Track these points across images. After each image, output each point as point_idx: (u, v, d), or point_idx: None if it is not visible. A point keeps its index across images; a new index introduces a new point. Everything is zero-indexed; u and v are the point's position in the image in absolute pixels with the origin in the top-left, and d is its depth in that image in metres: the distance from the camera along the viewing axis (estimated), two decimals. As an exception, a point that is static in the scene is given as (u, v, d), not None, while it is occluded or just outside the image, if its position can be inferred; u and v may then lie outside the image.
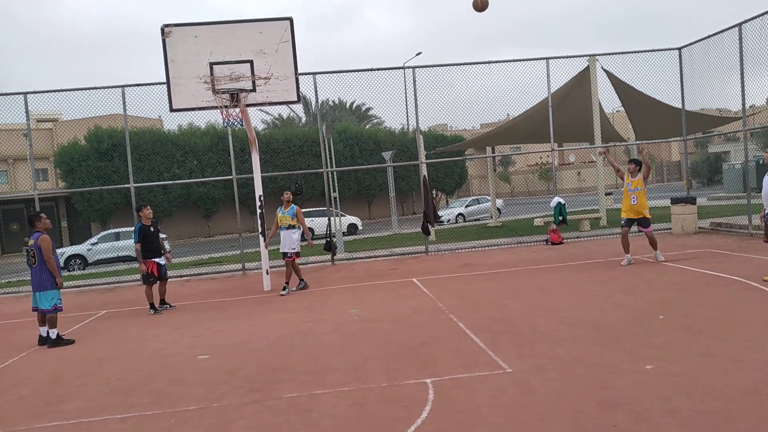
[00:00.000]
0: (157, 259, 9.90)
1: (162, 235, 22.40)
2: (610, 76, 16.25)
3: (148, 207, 10.21)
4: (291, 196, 10.93)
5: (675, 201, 14.78)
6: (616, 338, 6.04)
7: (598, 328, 6.50)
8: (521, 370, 5.31)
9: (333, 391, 5.19)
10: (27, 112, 13.42)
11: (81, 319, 9.87)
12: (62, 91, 13.72)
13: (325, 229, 26.03)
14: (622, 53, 15.26)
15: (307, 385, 5.41)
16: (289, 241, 10.67)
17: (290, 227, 10.71)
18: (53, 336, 7.91)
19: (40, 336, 8.02)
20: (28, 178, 36.14)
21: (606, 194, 22.14)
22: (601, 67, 16.27)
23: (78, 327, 9.16)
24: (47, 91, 13.68)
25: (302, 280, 11.08)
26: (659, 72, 15.58)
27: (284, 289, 10.62)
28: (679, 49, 15.05)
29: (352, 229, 27.95)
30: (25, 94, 13.32)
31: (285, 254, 10.72)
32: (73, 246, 23.48)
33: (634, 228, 11.05)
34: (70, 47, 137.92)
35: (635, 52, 15.02)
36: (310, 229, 27.83)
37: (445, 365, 5.64)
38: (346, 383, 5.36)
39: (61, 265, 20.82)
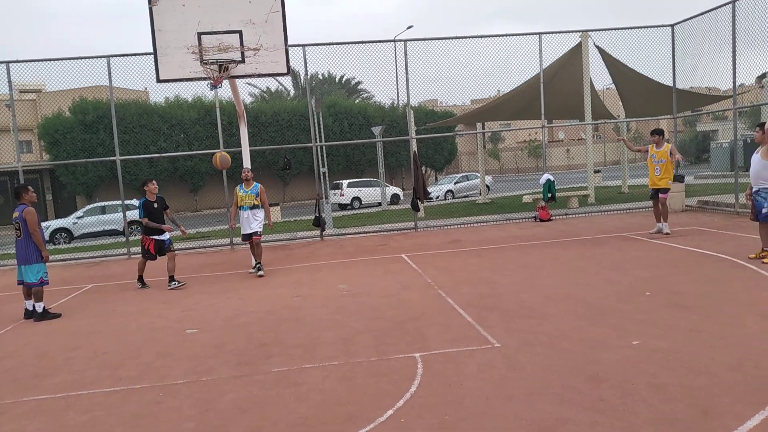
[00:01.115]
0: (156, 236, 9.65)
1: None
2: (602, 52, 16.16)
3: (154, 182, 9.93)
4: (251, 174, 10.38)
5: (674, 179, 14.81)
6: (603, 314, 6.09)
7: (586, 304, 6.55)
8: (509, 345, 5.34)
9: (322, 365, 5.20)
10: (9, 81, 13.10)
11: (67, 293, 9.80)
12: (46, 60, 13.40)
13: (373, 198, 26.57)
14: (615, 29, 15.15)
15: (296, 359, 5.42)
16: (253, 221, 10.14)
17: (254, 207, 10.13)
18: (39, 309, 7.85)
19: (26, 309, 7.96)
20: (11, 150, 35.52)
21: (595, 172, 22.24)
22: (594, 44, 16.18)
23: (64, 301, 9.09)
24: (30, 61, 13.35)
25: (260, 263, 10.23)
26: (651, 49, 15.52)
27: (258, 269, 10.07)
28: (672, 26, 14.97)
29: (395, 199, 28.12)
30: (8, 63, 13.00)
31: (248, 236, 10.17)
32: (59, 219, 23.23)
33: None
34: (52, 15, 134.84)
35: (628, 28, 14.91)
36: (357, 198, 28.01)
37: (434, 340, 5.66)
38: (335, 357, 5.37)
39: (47, 238, 20.65)
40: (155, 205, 9.73)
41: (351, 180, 29.84)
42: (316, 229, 14.48)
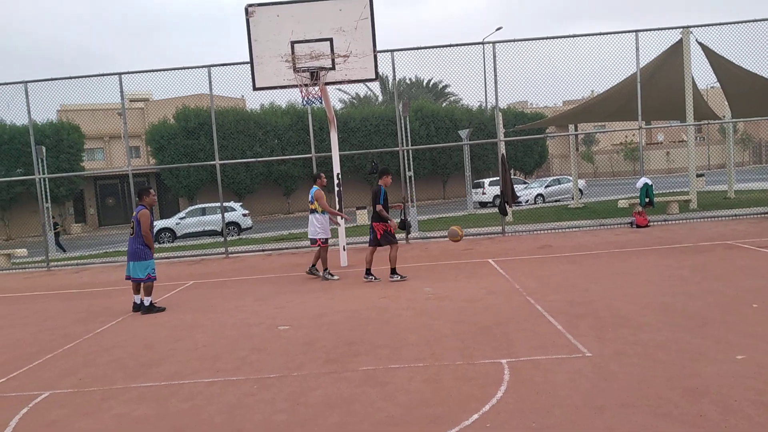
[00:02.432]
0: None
1: (244, 211, 23.22)
2: (706, 49, 15.23)
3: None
4: (319, 178, 10.38)
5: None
6: (704, 325, 5.75)
7: (685, 314, 6.21)
8: (601, 354, 5.17)
9: (408, 366, 5.25)
10: (122, 91, 14.19)
11: (171, 288, 10.47)
12: (153, 71, 14.40)
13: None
14: (720, 24, 14.24)
15: (382, 358, 5.51)
16: (310, 227, 10.29)
17: (313, 212, 10.23)
18: (147, 303, 8.44)
19: (134, 303, 8.58)
20: (122, 155, 38.45)
21: (697, 175, 20.93)
22: (696, 40, 15.28)
23: (168, 296, 9.72)
24: (140, 72, 14.40)
25: (320, 271, 10.15)
26: (761, 44, 14.42)
27: (331, 274, 10.05)
28: (786, 18, 13.85)
29: (539, 199, 28.30)
30: (120, 74, 14.07)
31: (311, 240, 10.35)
32: (163, 220, 24.82)
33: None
34: (155, 27, 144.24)
35: (734, 23, 13.97)
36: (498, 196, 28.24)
37: (522, 346, 5.57)
38: (421, 359, 5.41)
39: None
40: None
41: (492, 179, 29.74)
42: (402, 232, 14.59)
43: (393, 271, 9.49)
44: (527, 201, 27.93)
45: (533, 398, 4.34)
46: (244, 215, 23.03)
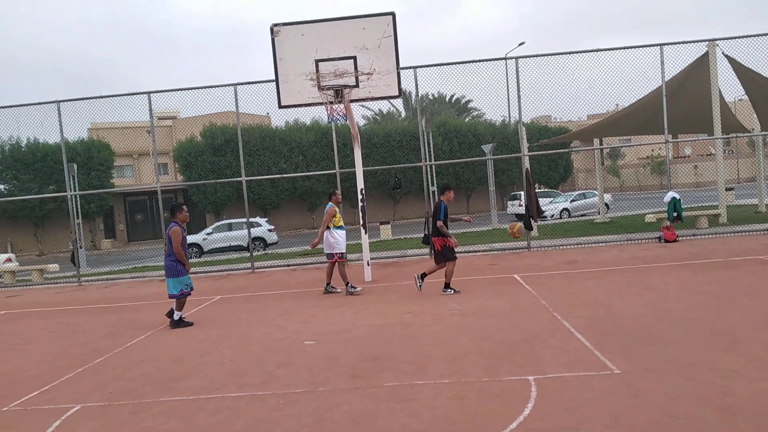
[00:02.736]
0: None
1: (270, 226, 23.47)
2: (732, 62, 15.03)
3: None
4: (334, 196, 10.60)
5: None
6: (736, 343, 5.64)
7: (716, 331, 6.09)
8: (630, 371, 5.09)
9: (433, 382, 5.24)
10: (150, 110, 14.52)
11: (198, 303, 10.59)
12: (181, 90, 14.72)
13: (549, 210, 26.98)
14: (746, 36, 14.06)
15: (407, 374, 5.50)
16: (325, 241, 10.40)
17: (328, 228, 10.40)
18: (176, 318, 8.56)
19: (173, 319, 8.63)
20: (151, 172, 39.19)
21: (726, 189, 20.54)
22: (722, 53, 15.09)
23: (196, 310, 9.84)
24: (168, 90, 14.73)
25: (337, 288, 10.42)
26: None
27: (353, 287, 10.18)
28: (816, 29, 13.63)
29: (564, 214, 28.25)
30: (149, 93, 14.40)
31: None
32: (191, 235, 25.15)
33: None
34: (181, 46, 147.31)
35: (760, 35, 13.79)
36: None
37: (548, 363, 5.52)
38: (447, 375, 5.39)
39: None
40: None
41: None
42: (426, 247, 14.58)
43: (447, 285, 9.59)
44: (552, 216, 27.68)
45: (561, 416, 4.29)
46: (270, 230, 23.26)
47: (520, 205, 27.19)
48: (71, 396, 5.67)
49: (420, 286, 9.66)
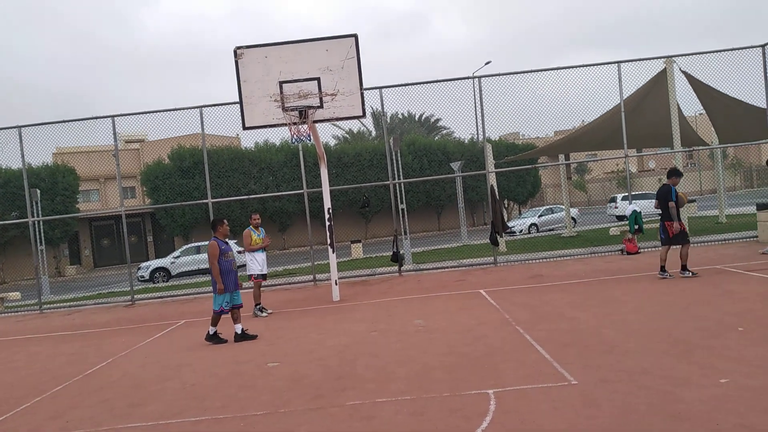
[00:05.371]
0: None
1: (239, 248, 23.31)
2: (689, 77, 15.55)
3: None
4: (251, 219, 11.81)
5: (761, 207, 13.91)
6: (690, 350, 5.79)
7: (671, 340, 6.24)
8: (586, 381, 5.19)
9: (395, 399, 5.25)
10: (115, 134, 14.37)
11: (163, 327, 10.44)
12: (145, 113, 14.63)
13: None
14: (701, 53, 14.60)
15: (369, 393, 5.51)
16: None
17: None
18: (211, 332, 8.52)
19: (236, 333, 8.55)
20: (117, 196, 38.63)
21: (689, 201, 21.09)
22: (679, 69, 15.61)
23: (159, 335, 9.69)
24: (132, 114, 14.62)
25: (268, 309, 11.00)
26: (743, 71, 14.75)
27: (262, 309, 10.80)
28: (763, 46, 14.21)
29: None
30: (113, 117, 14.26)
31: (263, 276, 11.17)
32: (158, 259, 24.80)
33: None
34: (152, 67, 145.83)
35: (715, 51, 14.33)
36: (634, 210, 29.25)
37: (508, 376, 5.58)
38: (408, 392, 5.41)
39: (146, 277, 22.05)
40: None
41: (624, 194, 30.30)
42: (395, 265, 14.64)
43: (684, 268, 10.00)
44: (521, 231, 28.03)
45: (517, 428, 4.35)
46: (239, 252, 23.02)
47: (616, 207, 30.10)
48: (27, 427, 5.54)
49: (668, 275, 10.00)
